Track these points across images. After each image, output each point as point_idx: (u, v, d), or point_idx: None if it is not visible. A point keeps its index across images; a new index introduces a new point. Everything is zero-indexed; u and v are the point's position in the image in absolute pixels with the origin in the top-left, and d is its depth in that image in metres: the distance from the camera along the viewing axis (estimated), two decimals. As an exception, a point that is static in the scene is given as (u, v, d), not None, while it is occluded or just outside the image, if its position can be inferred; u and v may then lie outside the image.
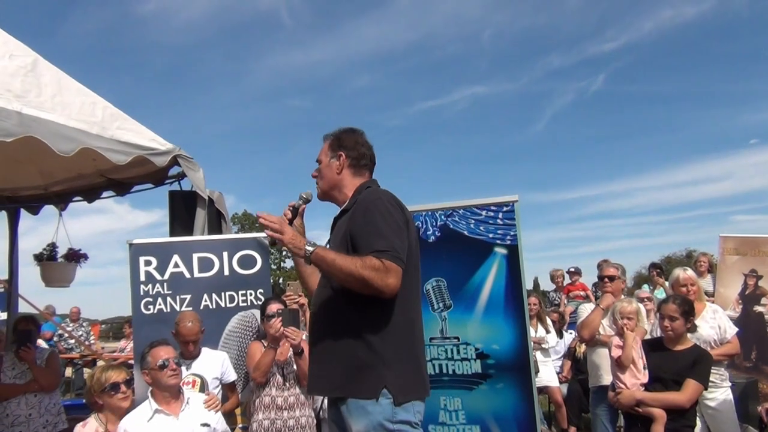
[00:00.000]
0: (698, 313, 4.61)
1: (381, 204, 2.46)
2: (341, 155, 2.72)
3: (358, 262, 2.27)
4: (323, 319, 2.54)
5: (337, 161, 2.72)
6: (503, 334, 4.32)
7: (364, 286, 2.28)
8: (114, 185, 5.51)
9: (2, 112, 3.42)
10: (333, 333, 2.44)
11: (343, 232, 2.51)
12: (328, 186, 2.75)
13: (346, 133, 2.79)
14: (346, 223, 2.52)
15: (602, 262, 8.81)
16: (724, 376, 4.51)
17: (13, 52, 3.90)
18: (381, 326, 2.38)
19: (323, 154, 2.79)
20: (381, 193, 2.57)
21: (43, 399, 4.69)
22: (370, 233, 2.37)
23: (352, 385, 2.35)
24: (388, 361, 2.35)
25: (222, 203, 5.18)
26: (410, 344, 2.46)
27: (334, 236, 2.63)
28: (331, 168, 2.73)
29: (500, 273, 4.35)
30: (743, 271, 6.17)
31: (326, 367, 2.45)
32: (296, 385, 4.21)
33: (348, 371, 2.37)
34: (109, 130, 4.14)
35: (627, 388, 3.97)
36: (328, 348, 2.46)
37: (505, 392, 4.29)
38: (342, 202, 2.72)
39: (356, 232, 2.42)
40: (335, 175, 2.72)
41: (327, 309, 2.53)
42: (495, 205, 4.44)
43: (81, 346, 11.57)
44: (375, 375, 2.33)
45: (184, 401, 3.59)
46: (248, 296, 4.83)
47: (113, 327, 30.44)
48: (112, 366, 3.75)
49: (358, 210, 2.49)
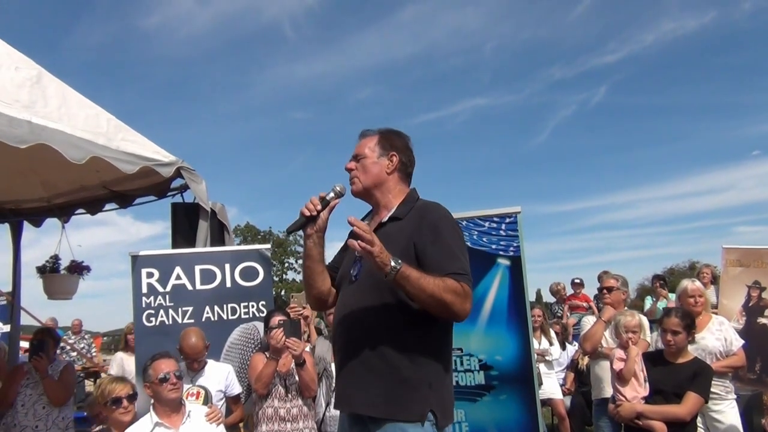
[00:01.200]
0: (704, 324, 4.60)
1: (450, 221, 2.38)
2: (394, 156, 2.54)
3: (440, 284, 2.15)
4: (366, 331, 2.33)
5: (388, 161, 2.53)
6: (506, 346, 4.31)
7: (443, 310, 2.19)
8: (117, 197, 5.51)
9: (14, 121, 3.43)
10: (378, 347, 2.27)
11: (403, 244, 2.32)
12: (372, 183, 2.53)
13: (397, 135, 2.62)
14: (407, 234, 2.36)
15: (602, 274, 8.80)
16: (729, 389, 4.49)
17: (18, 64, 3.92)
18: (431, 347, 2.29)
19: (368, 148, 2.55)
20: (444, 210, 2.45)
21: (52, 412, 4.64)
22: (445, 253, 2.27)
23: (394, 406, 2.20)
24: (433, 382, 2.26)
25: (224, 215, 5.19)
26: (447, 366, 2.37)
27: (387, 245, 2.27)
28: (380, 165, 2.53)
29: (503, 284, 4.35)
30: (746, 283, 6.14)
31: (364, 382, 2.28)
32: (298, 396, 4.20)
33: (390, 390, 2.22)
34: (115, 141, 4.15)
35: (627, 401, 3.95)
36: (368, 362, 2.28)
37: (509, 404, 4.27)
38: (381, 206, 2.55)
39: (426, 249, 2.29)
40: (384, 173, 2.52)
41: (374, 322, 2.32)
42: (498, 216, 4.45)
43: (83, 358, 11.54)
44: (420, 396, 2.22)
45: (186, 414, 3.58)
46: (250, 308, 4.82)
47: (115, 339, 30.37)
48: (116, 379, 3.75)
49: (424, 223, 2.35)
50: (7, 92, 3.61)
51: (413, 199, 2.52)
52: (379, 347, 2.27)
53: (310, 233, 2.47)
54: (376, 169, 2.53)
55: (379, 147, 2.55)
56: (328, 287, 2.62)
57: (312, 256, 2.54)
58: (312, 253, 2.52)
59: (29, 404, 4.59)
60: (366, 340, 2.30)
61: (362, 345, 2.30)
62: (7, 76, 3.76)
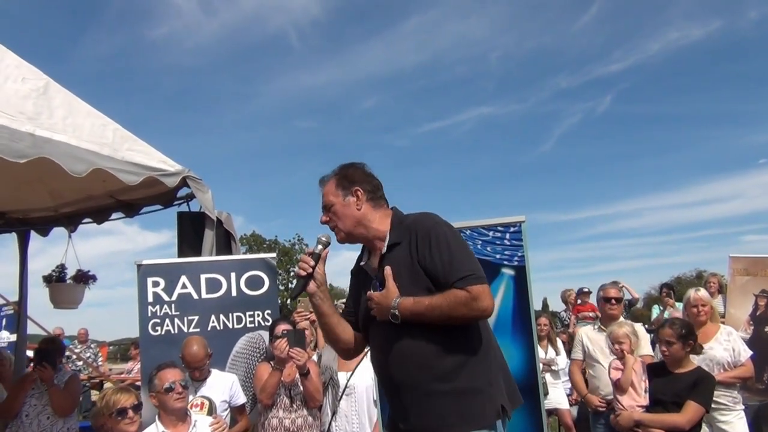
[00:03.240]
0: (712, 334, 4.57)
1: (441, 226, 2.41)
2: (357, 190, 2.54)
3: (444, 304, 2.24)
4: (414, 365, 2.34)
5: (354, 198, 2.53)
6: (511, 356, 4.28)
7: (464, 320, 2.29)
8: (123, 207, 5.54)
9: (15, 134, 3.46)
10: (431, 376, 2.30)
11: (410, 269, 2.37)
12: (351, 225, 2.54)
13: (352, 168, 2.62)
14: (409, 258, 2.39)
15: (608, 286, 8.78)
16: (737, 399, 4.46)
17: (25, 75, 3.96)
18: (476, 350, 2.35)
19: (331, 195, 2.56)
20: (430, 218, 2.48)
21: (56, 422, 4.63)
22: (446, 263, 2.31)
23: (472, 419, 2.25)
24: (491, 380, 2.34)
25: (230, 224, 5.19)
26: (497, 355, 2.47)
27: (398, 275, 2.40)
28: (349, 206, 2.53)
29: (508, 294, 4.33)
30: (754, 292, 6.11)
31: (430, 402, 2.30)
32: (303, 407, 4.18)
33: (460, 407, 2.26)
34: (120, 152, 4.18)
35: (626, 410, 3.93)
36: (430, 392, 2.30)
37: (514, 414, 4.21)
38: (372, 239, 2.56)
39: (432, 267, 2.33)
40: (356, 212, 2.53)
41: (417, 353, 2.34)
42: (502, 225, 4.43)
43: (89, 367, 11.55)
44: (486, 399, 2.29)
45: (191, 424, 3.58)
46: (256, 317, 4.82)
47: (121, 348, 30.45)
48: (121, 389, 3.73)
49: (421, 242, 2.37)
50: (11, 105, 3.65)
51: (401, 220, 2.54)
52: (432, 371, 2.30)
53: (314, 291, 2.52)
54: (348, 211, 2.54)
55: (341, 189, 2.56)
56: (350, 335, 2.66)
57: (324, 312, 2.59)
58: (322, 310, 2.58)
59: (34, 414, 4.58)
60: (419, 371, 2.32)
61: (418, 376, 2.33)
62: (13, 88, 3.80)
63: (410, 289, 2.34)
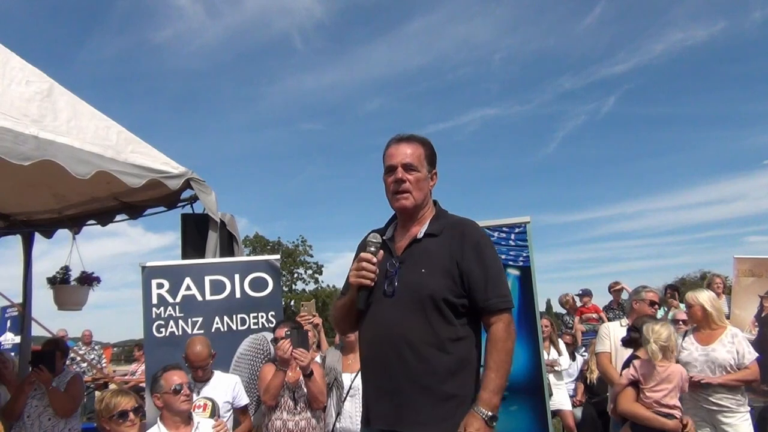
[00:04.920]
0: (716, 336, 4.54)
1: (489, 242, 2.46)
2: (435, 174, 2.56)
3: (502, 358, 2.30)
4: (412, 349, 2.32)
5: (431, 179, 2.55)
6: (516, 357, 4.20)
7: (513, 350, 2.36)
8: (127, 208, 5.55)
9: (20, 137, 3.47)
10: (426, 366, 2.30)
11: (447, 262, 2.37)
12: (422, 200, 2.50)
13: (434, 149, 2.59)
14: (448, 252, 2.38)
15: (614, 284, 8.83)
16: (742, 401, 4.43)
17: (29, 78, 3.96)
18: (474, 359, 2.41)
19: (419, 161, 2.48)
20: (477, 227, 2.50)
21: (58, 424, 4.63)
22: (489, 278, 2.35)
23: (445, 427, 2.26)
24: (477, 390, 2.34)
25: (234, 226, 5.20)
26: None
27: (427, 262, 2.38)
28: (426, 181, 2.51)
29: (513, 294, 4.31)
30: (759, 293, 6.09)
31: (414, 402, 2.30)
32: (307, 408, 4.17)
33: (442, 410, 2.28)
34: (123, 154, 4.19)
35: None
36: (419, 382, 2.30)
37: (519, 415, 4.24)
38: (414, 220, 2.52)
39: (472, 272, 2.34)
40: (427, 189, 2.53)
41: (420, 340, 2.32)
42: (507, 226, 4.43)
43: (93, 369, 11.56)
44: (468, 409, 2.28)
45: (194, 426, 3.58)
46: (260, 319, 4.82)
47: (125, 350, 30.53)
48: (121, 392, 3.72)
49: (466, 243, 2.39)
50: (15, 107, 3.65)
51: (443, 214, 2.55)
52: (427, 366, 2.30)
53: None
54: (425, 185, 2.51)
55: (427, 162, 2.52)
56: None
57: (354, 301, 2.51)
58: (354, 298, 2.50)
59: (35, 416, 4.58)
60: (414, 360, 2.31)
61: (410, 364, 2.31)
62: (17, 90, 3.80)
63: (441, 286, 2.33)
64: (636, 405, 3.94)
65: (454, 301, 2.33)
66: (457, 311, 2.35)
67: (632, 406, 3.96)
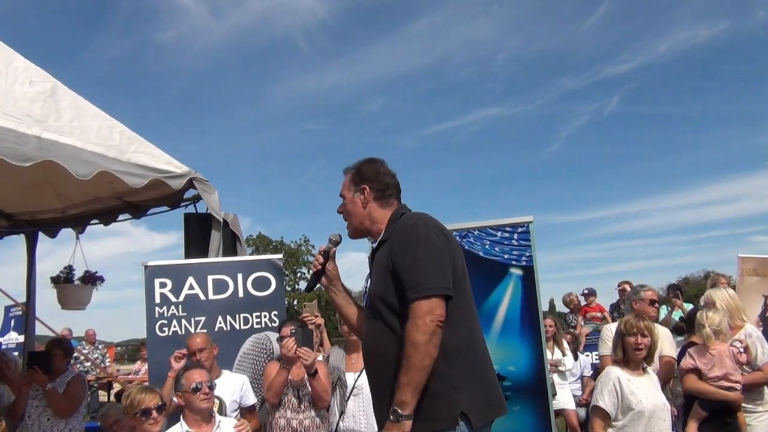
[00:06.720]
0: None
1: (416, 231, 2.37)
2: (365, 188, 2.61)
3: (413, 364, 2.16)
4: (380, 355, 2.39)
5: (361, 195, 2.62)
6: (519, 356, 4.28)
7: (435, 345, 2.19)
8: (130, 208, 5.56)
9: (22, 137, 3.48)
10: (392, 369, 2.27)
11: (384, 265, 2.42)
12: (357, 222, 2.65)
13: (367, 165, 2.69)
14: (386, 254, 2.43)
15: (623, 283, 8.76)
16: (759, 401, 4.39)
17: (32, 78, 3.97)
18: (448, 354, 2.26)
19: (345, 189, 2.69)
20: (416, 217, 2.48)
21: (58, 423, 4.61)
22: (409, 268, 2.29)
23: (424, 421, 2.21)
24: (460, 386, 2.27)
25: (237, 225, 5.20)
26: (474, 364, 2.38)
27: (375, 271, 2.51)
28: (355, 203, 2.63)
29: (516, 294, 4.33)
30: (763, 292, 6.07)
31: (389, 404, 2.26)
32: (311, 407, 4.17)
33: (419, 405, 2.20)
34: (126, 154, 4.19)
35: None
36: (389, 385, 2.27)
37: (522, 415, 4.23)
38: (377, 234, 2.61)
39: (398, 267, 2.34)
40: (361, 210, 2.62)
41: (383, 345, 2.38)
42: (510, 225, 4.43)
43: (96, 368, 11.59)
44: (447, 403, 2.24)
45: (215, 424, 3.61)
46: (262, 318, 4.82)
47: (128, 349, 30.59)
48: (146, 389, 3.72)
49: (395, 240, 2.41)
50: (18, 108, 3.66)
51: (395, 218, 2.57)
52: (393, 369, 2.26)
53: (325, 285, 2.72)
54: (355, 209, 2.65)
55: (352, 184, 2.67)
56: None
57: (338, 304, 2.78)
58: (336, 302, 2.76)
59: (35, 416, 4.57)
60: (381, 365, 2.39)
61: (379, 370, 2.41)
62: (21, 90, 3.81)
63: (382, 287, 2.40)
64: (700, 382, 4.17)
65: (395, 301, 2.34)
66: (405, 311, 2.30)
67: (696, 383, 4.17)
